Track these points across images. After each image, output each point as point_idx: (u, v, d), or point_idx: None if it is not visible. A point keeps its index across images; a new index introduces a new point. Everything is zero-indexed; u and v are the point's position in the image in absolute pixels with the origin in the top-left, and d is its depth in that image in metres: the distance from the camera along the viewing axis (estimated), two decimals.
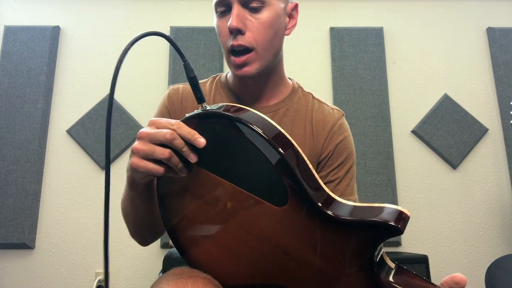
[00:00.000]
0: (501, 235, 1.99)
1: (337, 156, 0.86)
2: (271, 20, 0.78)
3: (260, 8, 0.77)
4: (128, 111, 2.05)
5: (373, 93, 2.10)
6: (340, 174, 0.86)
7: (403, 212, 0.52)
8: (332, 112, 0.90)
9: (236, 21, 0.74)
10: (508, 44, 2.17)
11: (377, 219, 0.52)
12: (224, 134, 0.56)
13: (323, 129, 0.86)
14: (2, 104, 2.01)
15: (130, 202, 0.73)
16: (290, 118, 0.86)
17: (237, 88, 0.88)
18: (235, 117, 0.55)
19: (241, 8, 0.76)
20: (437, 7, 2.24)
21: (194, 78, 0.62)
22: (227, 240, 0.62)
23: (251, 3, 0.76)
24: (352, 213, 0.54)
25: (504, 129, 2.08)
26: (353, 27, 2.18)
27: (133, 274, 1.91)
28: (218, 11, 0.80)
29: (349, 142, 0.89)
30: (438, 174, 2.05)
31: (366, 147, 2.01)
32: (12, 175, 1.93)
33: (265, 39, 0.77)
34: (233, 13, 0.75)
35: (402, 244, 1.96)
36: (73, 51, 2.14)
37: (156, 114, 0.91)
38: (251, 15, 0.77)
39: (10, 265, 1.89)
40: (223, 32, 0.79)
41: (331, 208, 0.55)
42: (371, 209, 0.54)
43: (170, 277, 0.62)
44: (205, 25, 2.16)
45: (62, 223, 1.94)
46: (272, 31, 0.78)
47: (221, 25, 0.79)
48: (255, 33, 0.76)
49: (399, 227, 0.50)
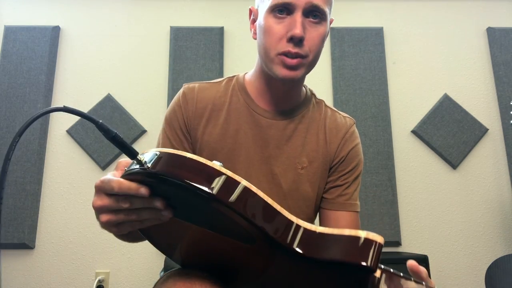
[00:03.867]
0: (501, 235, 1.99)
1: (349, 162, 0.90)
2: (325, 34, 0.81)
3: (320, 21, 0.79)
4: (128, 111, 2.05)
5: (373, 93, 2.10)
6: (349, 179, 0.90)
7: (367, 239, 0.45)
8: (345, 120, 0.93)
9: (301, 30, 0.75)
10: (508, 44, 2.17)
11: (334, 258, 0.46)
12: (169, 189, 0.50)
13: (336, 136, 0.89)
14: (2, 104, 2.01)
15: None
16: (305, 125, 0.89)
17: (255, 91, 0.88)
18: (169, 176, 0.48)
19: (303, 17, 0.77)
20: (437, 7, 2.24)
21: (116, 137, 0.53)
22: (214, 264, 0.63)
23: (314, 13, 0.78)
24: (320, 245, 0.49)
25: (504, 129, 2.08)
26: (353, 27, 2.18)
27: (133, 274, 1.91)
28: (277, 10, 0.78)
29: (359, 149, 0.93)
30: (438, 174, 2.05)
31: (366, 147, 2.01)
32: (12, 175, 1.93)
33: (317, 50, 0.80)
34: (298, 21, 0.75)
35: (402, 244, 1.96)
36: (73, 51, 2.14)
37: (168, 112, 0.89)
38: (310, 25, 0.78)
39: (10, 265, 1.89)
40: (276, 35, 0.78)
41: (301, 243, 0.49)
42: (337, 239, 0.48)
43: (177, 277, 0.62)
44: (205, 25, 2.16)
45: (62, 223, 1.94)
46: (323, 44, 0.82)
47: (276, 28, 0.78)
48: (310, 44, 0.78)
49: (362, 264, 0.44)
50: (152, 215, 0.52)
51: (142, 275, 1.91)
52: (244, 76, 0.92)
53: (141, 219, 0.53)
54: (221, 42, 2.13)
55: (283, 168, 0.85)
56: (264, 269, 0.55)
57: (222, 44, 2.14)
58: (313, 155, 0.87)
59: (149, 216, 0.53)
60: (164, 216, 0.52)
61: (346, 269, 0.46)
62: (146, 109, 2.07)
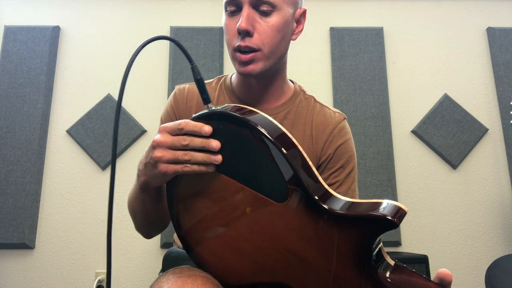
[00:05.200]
0: (501, 235, 1.99)
1: (337, 159, 0.86)
2: (279, 25, 0.79)
3: (270, 12, 0.78)
4: (128, 111, 2.05)
5: (373, 93, 2.10)
6: (340, 177, 0.86)
7: (401, 208, 0.54)
8: (334, 115, 0.90)
9: (245, 22, 0.75)
10: (508, 44, 2.17)
11: (373, 213, 0.53)
12: (229, 133, 0.58)
13: (323, 132, 0.87)
14: (2, 104, 2.01)
15: (140, 203, 0.77)
16: (290, 121, 0.87)
17: (239, 90, 0.90)
18: (240, 117, 0.57)
19: (251, 10, 0.77)
20: (437, 7, 2.24)
21: (200, 80, 0.64)
22: (232, 238, 0.63)
23: (262, 6, 0.77)
24: (350, 208, 0.55)
25: (504, 129, 2.08)
26: (353, 27, 2.18)
27: (133, 274, 1.91)
28: (228, 10, 0.80)
29: (349, 145, 0.89)
30: (438, 174, 2.05)
31: (366, 147, 2.01)
32: (12, 175, 1.93)
33: (272, 42, 0.78)
34: (243, 15, 0.76)
35: (402, 244, 1.96)
36: (73, 51, 2.14)
37: (163, 113, 0.94)
38: (260, 18, 0.77)
39: (10, 265, 1.89)
40: (231, 31, 0.80)
41: (328, 202, 0.56)
42: (369, 204, 0.55)
43: (169, 276, 0.63)
44: (205, 25, 2.16)
45: (62, 223, 1.94)
46: (280, 35, 0.79)
47: (229, 24, 0.80)
48: (262, 36, 0.77)
49: (394, 221, 0.51)
50: (205, 157, 0.58)
51: (142, 275, 1.91)
52: (232, 75, 0.94)
53: (194, 159, 0.59)
54: (221, 42, 2.13)
55: None
56: (286, 241, 0.59)
57: (222, 44, 2.14)
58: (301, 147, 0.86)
59: (202, 158, 0.59)
60: (215, 160, 0.58)
61: (369, 226, 0.53)
62: (146, 109, 2.07)
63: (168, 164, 0.60)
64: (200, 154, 0.59)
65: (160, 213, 0.79)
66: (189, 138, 0.58)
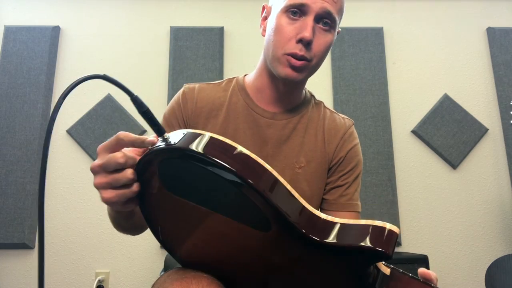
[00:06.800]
0: (501, 235, 1.99)
1: (348, 162, 0.90)
2: (331, 43, 0.83)
3: (329, 29, 0.81)
4: (128, 111, 2.05)
5: (373, 93, 2.10)
6: (349, 179, 0.90)
7: (391, 230, 0.49)
8: (343, 121, 0.94)
9: (311, 33, 0.77)
10: (508, 44, 2.17)
11: (363, 245, 0.48)
12: (189, 166, 0.52)
13: (335, 137, 0.90)
14: (2, 104, 2.01)
15: (114, 220, 0.73)
16: (304, 125, 0.89)
17: (255, 91, 0.89)
18: (195, 152, 0.50)
19: (314, 22, 0.78)
20: (437, 7, 2.24)
21: (147, 112, 0.58)
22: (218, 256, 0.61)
23: (325, 20, 0.79)
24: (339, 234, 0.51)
25: (504, 129, 2.08)
26: (353, 27, 2.18)
27: (133, 274, 1.91)
28: (290, 11, 0.79)
29: (358, 150, 0.93)
30: (438, 174, 2.05)
31: (366, 147, 2.01)
32: (12, 175, 1.93)
33: (321, 57, 0.82)
34: (309, 24, 0.77)
35: (402, 244, 1.96)
36: (73, 51, 2.14)
37: (168, 110, 0.91)
38: (320, 31, 0.80)
39: (10, 265, 1.89)
40: (287, 35, 0.79)
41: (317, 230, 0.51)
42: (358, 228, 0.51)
43: (174, 277, 0.63)
44: (205, 25, 2.16)
45: (62, 223, 1.94)
46: (327, 52, 0.84)
47: (287, 27, 0.79)
48: (316, 49, 0.80)
49: (387, 253, 0.47)
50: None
51: (142, 275, 1.91)
52: (244, 77, 0.93)
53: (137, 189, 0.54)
54: (221, 42, 2.13)
55: (281, 167, 0.85)
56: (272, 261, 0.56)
57: (222, 44, 2.14)
58: (311, 155, 0.87)
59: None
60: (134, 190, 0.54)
61: (360, 256, 0.49)
62: None
63: (108, 191, 0.53)
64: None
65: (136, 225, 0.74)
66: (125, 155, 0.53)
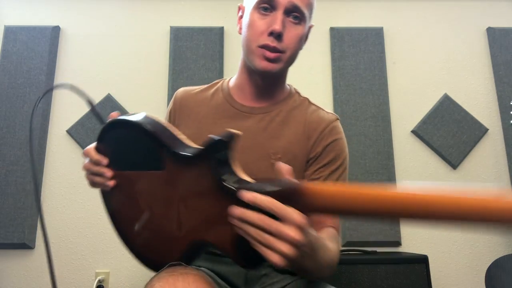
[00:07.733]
0: (501, 235, 1.99)
1: (324, 156, 0.89)
2: (302, 35, 0.88)
3: (299, 22, 0.86)
4: (128, 111, 2.05)
5: (373, 93, 2.10)
6: (324, 173, 0.88)
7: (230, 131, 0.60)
8: (327, 115, 0.94)
9: (281, 26, 0.82)
10: (508, 44, 2.17)
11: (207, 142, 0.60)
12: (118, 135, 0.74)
13: (315, 131, 0.91)
14: (2, 104, 2.01)
15: None
16: (282, 118, 0.91)
17: (237, 88, 0.95)
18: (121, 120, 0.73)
19: (284, 15, 0.84)
20: (437, 7, 2.24)
21: (93, 107, 0.81)
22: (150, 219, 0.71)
23: (294, 14, 0.85)
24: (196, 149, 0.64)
25: (504, 129, 2.08)
26: (353, 27, 2.18)
27: (133, 274, 1.91)
28: (261, 7, 0.85)
29: (338, 144, 0.91)
30: (438, 174, 2.05)
31: (366, 147, 2.01)
32: (12, 175, 1.93)
33: (294, 48, 0.87)
34: (278, 18, 0.83)
35: (402, 244, 1.96)
36: (73, 51, 2.14)
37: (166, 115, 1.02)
38: (290, 24, 0.85)
39: (10, 265, 1.89)
40: (258, 29, 0.85)
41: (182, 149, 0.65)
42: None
43: (162, 275, 0.65)
44: (205, 25, 2.16)
45: (62, 223, 1.94)
46: (300, 43, 0.89)
47: (258, 22, 0.85)
48: (289, 41, 0.85)
49: (221, 139, 0.58)
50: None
51: (142, 275, 1.91)
52: (230, 79, 1.01)
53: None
54: (221, 42, 2.13)
55: (256, 157, 0.86)
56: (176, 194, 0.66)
57: (222, 44, 2.14)
58: (289, 147, 0.88)
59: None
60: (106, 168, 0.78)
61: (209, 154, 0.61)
62: (146, 109, 2.06)
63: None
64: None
65: None
66: None
